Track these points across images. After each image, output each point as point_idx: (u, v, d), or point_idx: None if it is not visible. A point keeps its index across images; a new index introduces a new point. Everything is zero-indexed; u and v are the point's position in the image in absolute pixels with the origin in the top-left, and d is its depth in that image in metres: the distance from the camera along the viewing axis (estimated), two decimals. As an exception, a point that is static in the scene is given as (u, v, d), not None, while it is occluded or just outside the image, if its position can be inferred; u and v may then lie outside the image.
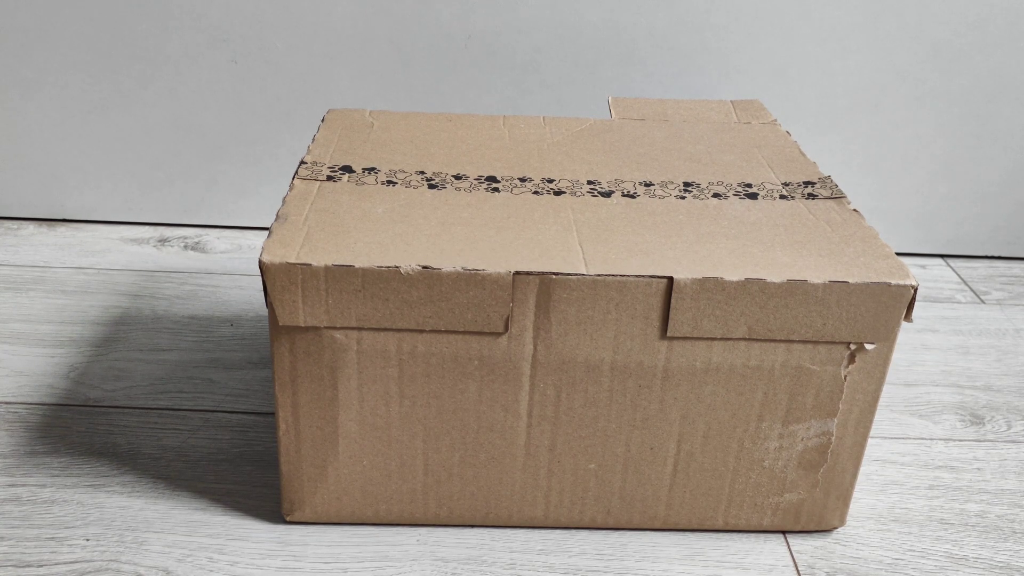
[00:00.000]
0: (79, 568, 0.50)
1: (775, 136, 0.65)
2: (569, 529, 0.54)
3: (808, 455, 0.51)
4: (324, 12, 0.82)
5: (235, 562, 0.51)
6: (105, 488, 0.56)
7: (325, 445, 0.50)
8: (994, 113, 0.87)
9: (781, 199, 0.55)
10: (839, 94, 0.86)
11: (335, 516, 0.53)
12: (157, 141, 0.88)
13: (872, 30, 0.83)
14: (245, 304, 0.78)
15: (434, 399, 0.49)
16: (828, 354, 0.48)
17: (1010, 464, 0.62)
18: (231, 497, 0.56)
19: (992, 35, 0.83)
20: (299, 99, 0.86)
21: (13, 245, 0.87)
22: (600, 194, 0.54)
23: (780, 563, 0.52)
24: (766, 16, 0.83)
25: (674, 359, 0.48)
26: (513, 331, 0.47)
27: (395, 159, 0.58)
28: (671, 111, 0.70)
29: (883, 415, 0.67)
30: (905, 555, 0.54)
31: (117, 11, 0.82)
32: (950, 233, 0.93)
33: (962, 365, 0.74)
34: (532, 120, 0.66)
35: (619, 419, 0.50)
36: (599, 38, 0.83)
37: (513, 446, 0.51)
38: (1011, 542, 0.55)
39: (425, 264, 0.45)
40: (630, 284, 0.46)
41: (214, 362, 0.69)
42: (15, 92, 0.86)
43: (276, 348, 0.47)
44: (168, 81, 0.85)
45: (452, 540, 0.53)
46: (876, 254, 0.48)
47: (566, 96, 0.86)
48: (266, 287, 0.45)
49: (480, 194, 0.54)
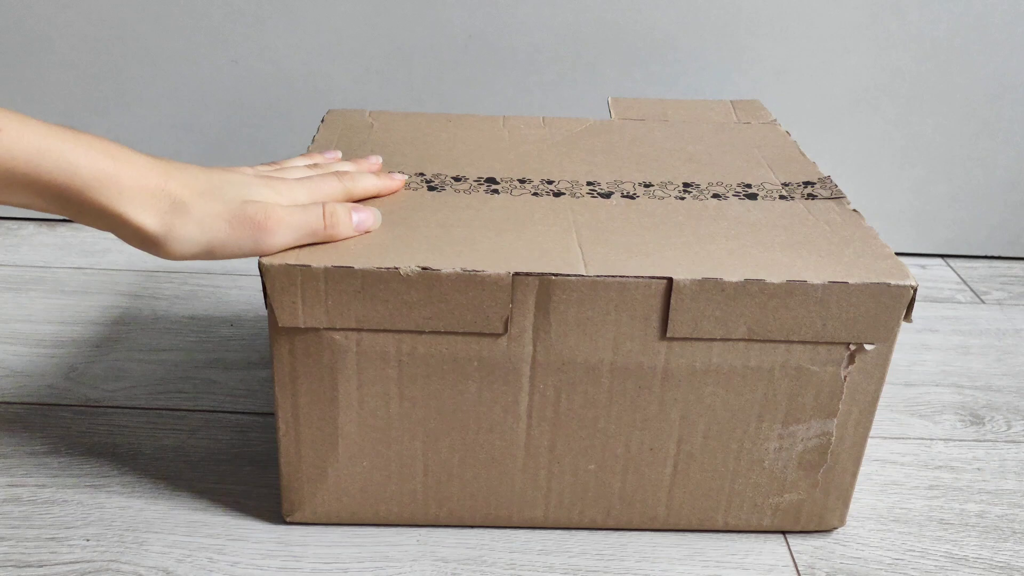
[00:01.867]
0: (79, 568, 0.50)
1: (775, 136, 0.65)
2: (569, 529, 0.54)
3: (808, 455, 0.51)
4: (324, 12, 0.82)
5: (235, 562, 0.51)
6: (105, 488, 0.56)
7: (325, 446, 0.50)
8: (994, 113, 0.87)
9: (781, 199, 0.55)
10: (839, 94, 0.86)
11: (335, 517, 0.53)
12: (157, 141, 0.88)
13: (872, 30, 0.83)
14: (245, 304, 0.78)
15: (434, 400, 0.49)
16: (828, 354, 0.48)
17: (1010, 464, 0.62)
18: (231, 497, 0.56)
19: (992, 35, 0.83)
20: (299, 99, 0.86)
21: (13, 245, 0.87)
22: (600, 195, 0.54)
23: (780, 563, 0.53)
24: (766, 16, 0.83)
25: (674, 360, 0.48)
26: (512, 332, 0.47)
27: (394, 160, 0.58)
28: (671, 111, 0.70)
29: (883, 415, 0.67)
30: (905, 555, 0.54)
31: (117, 11, 0.82)
32: (950, 233, 0.93)
33: (962, 365, 0.74)
34: (532, 120, 0.67)
35: (619, 420, 0.50)
36: (599, 38, 0.83)
37: (513, 447, 0.51)
38: (1011, 542, 0.55)
39: (424, 265, 0.45)
40: (630, 285, 0.46)
41: (214, 362, 0.70)
42: (16, 92, 0.86)
43: (276, 349, 0.48)
44: (168, 81, 0.85)
45: (452, 540, 0.53)
46: (876, 254, 0.48)
47: (566, 96, 0.86)
48: (266, 288, 0.46)
49: (480, 195, 0.54)
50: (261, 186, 0.46)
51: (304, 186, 0.48)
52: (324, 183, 0.49)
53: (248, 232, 0.44)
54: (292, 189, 0.47)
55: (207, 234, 0.44)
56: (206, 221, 0.44)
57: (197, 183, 0.45)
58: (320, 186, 0.49)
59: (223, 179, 0.46)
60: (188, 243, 0.44)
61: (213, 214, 0.44)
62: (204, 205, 0.44)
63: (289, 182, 0.48)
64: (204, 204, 0.44)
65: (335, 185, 0.49)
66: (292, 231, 0.45)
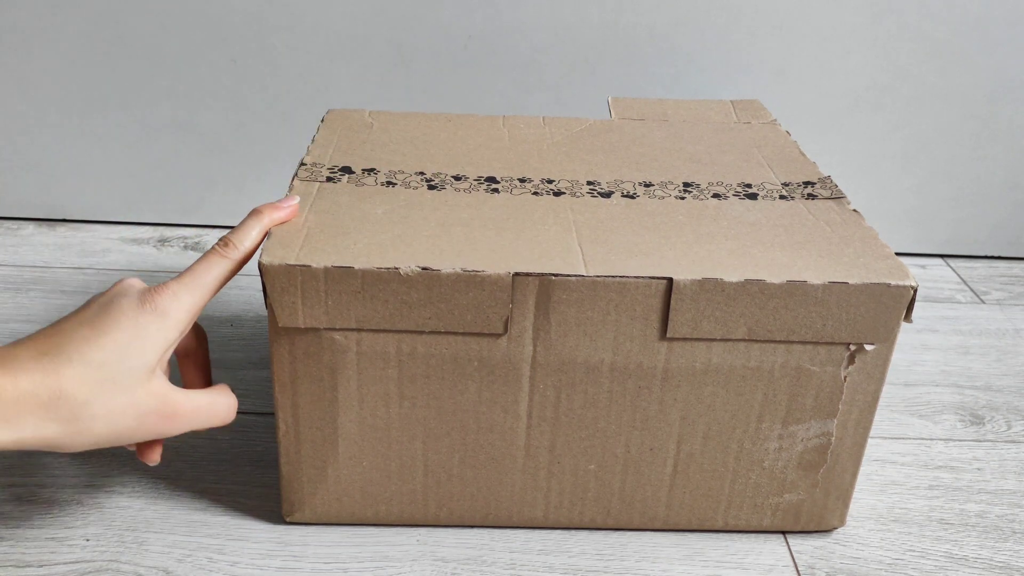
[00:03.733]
0: (79, 568, 0.50)
1: (775, 136, 0.65)
2: (569, 529, 0.54)
3: (808, 455, 0.51)
4: (324, 12, 0.82)
5: (235, 562, 0.51)
6: (105, 488, 0.56)
7: (325, 446, 0.50)
8: (994, 113, 0.87)
9: (781, 199, 0.55)
10: (839, 94, 0.86)
11: (335, 517, 0.53)
12: (157, 141, 0.88)
13: (872, 30, 0.83)
14: (245, 304, 0.78)
15: (434, 400, 0.49)
16: (828, 355, 0.48)
17: (1010, 464, 0.62)
18: (231, 497, 0.56)
19: (992, 35, 0.83)
20: (299, 99, 0.86)
21: (13, 245, 0.87)
22: (600, 195, 0.54)
23: (780, 563, 0.53)
24: (766, 16, 0.83)
25: (674, 360, 0.48)
26: (513, 332, 0.47)
27: (395, 160, 0.58)
28: (671, 111, 0.70)
29: (883, 415, 0.67)
30: (905, 555, 0.54)
31: (117, 11, 0.82)
32: (950, 233, 0.93)
33: (962, 365, 0.74)
34: (532, 120, 0.66)
35: (619, 420, 0.50)
36: (599, 38, 0.83)
37: (513, 447, 0.51)
38: (1011, 542, 0.55)
39: (425, 265, 0.45)
40: (630, 285, 0.46)
41: (214, 362, 0.69)
42: (15, 92, 0.86)
43: (276, 349, 0.48)
44: (168, 81, 0.85)
45: (452, 540, 0.53)
46: (876, 254, 0.48)
47: (566, 96, 0.86)
48: (265, 288, 0.46)
49: (480, 195, 0.54)
50: (154, 330, 0.42)
51: (189, 289, 0.44)
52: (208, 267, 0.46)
53: (154, 424, 0.43)
54: (177, 300, 0.44)
55: (115, 431, 0.42)
56: (112, 417, 0.41)
57: (92, 372, 0.40)
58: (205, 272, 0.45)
59: (116, 352, 0.41)
60: (94, 443, 0.41)
61: (119, 410, 0.41)
62: (108, 400, 0.41)
63: (171, 292, 0.44)
64: (107, 399, 0.41)
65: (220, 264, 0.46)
66: (197, 422, 0.45)
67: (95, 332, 0.41)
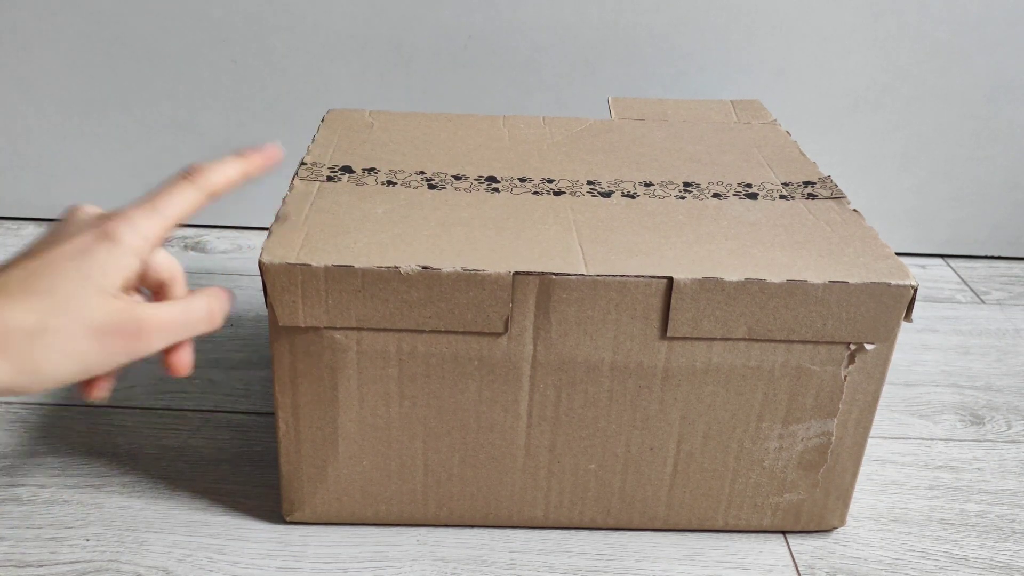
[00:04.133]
0: (79, 568, 0.50)
1: (775, 136, 0.65)
2: (569, 529, 0.54)
3: (808, 455, 0.51)
4: (324, 12, 0.82)
5: (235, 562, 0.51)
6: (105, 488, 0.56)
7: (325, 445, 0.50)
8: (994, 113, 0.87)
9: (781, 199, 0.55)
10: (839, 94, 0.86)
11: (335, 516, 0.53)
12: (157, 141, 0.88)
13: (872, 30, 0.83)
14: (245, 304, 0.78)
15: (434, 399, 0.49)
16: (828, 354, 0.48)
17: (1010, 464, 0.62)
18: (231, 497, 0.56)
19: (992, 35, 0.83)
20: (299, 99, 0.86)
21: (13, 245, 0.87)
22: (600, 194, 0.54)
23: (780, 563, 0.53)
24: (766, 16, 0.83)
25: (674, 359, 0.48)
26: (513, 331, 0.47)
27: (395, 159, 0.58)
28: (671, 111, 0.70)
29: (883, 415, 0.67)
30: (905, 555, 0.54)
31: (117, 11, 0.82)
32: (950, 233, 0.93)
33: (962, 365, 0.74)
34: (532, 120, 0.66)
35: (619, 419, 0.50)
36: (599, 38, 0.83)
37: (513, 446, 0.51)
38: (1011, 542, 0.55)
39: (425, 264, 0.45)
40: (630, 284, 0.46)
41: (214, 362, 0.69)
42: (15, 92, 0.86)
43: (276, 348, 0.48)
44: (168, 81, 0.85)
45: (452, 540, 0.53)
46: (876, 254, 0.48)
47: (566, 96, 0.86)
48: (266, 287, 0.46)
49: (480, 194, 0.54)
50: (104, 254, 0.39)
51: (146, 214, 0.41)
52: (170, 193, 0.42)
53: (120, 345, 0.38)
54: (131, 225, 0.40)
55: (75, 360, 0.37)
56: (69, 344, 0.37)
57: (37, 301, 0.36)
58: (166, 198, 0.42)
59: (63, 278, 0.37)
60: (55, 378, 0.37)
61: (76, 335, 0.37)
62: (60, 327, 0.36)
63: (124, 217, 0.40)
64: (59, 325, 0.36)
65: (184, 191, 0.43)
66: (173, 335, 0.41)
67: (41, 262, 0.38)
